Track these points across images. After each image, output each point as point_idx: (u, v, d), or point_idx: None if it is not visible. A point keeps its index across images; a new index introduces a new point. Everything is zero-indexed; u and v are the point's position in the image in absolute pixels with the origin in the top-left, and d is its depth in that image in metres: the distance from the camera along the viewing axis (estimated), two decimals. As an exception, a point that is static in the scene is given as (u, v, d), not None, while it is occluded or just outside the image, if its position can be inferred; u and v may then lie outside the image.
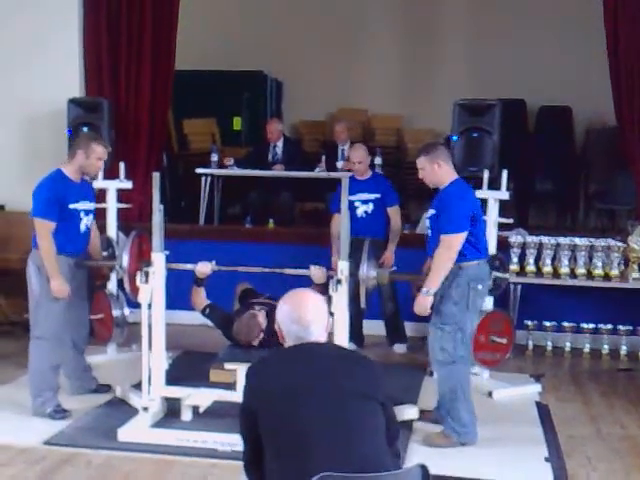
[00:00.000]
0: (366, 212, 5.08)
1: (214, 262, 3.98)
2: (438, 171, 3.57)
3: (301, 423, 1.95)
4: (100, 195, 4.82)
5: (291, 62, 8.11)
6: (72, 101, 5.60)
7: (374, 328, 5.34)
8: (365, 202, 5.08)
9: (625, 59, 5.45)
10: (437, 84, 7.89)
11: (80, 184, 3.98)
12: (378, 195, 5.07)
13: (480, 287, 3.55)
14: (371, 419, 2.00)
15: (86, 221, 3.98)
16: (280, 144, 6.54)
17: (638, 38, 5.42)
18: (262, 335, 3.98)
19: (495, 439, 3.66)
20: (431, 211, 3.65)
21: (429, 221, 3.68)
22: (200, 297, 4.12)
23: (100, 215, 4.60)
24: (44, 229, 3.78)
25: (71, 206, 3.87)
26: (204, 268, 3.94)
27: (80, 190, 3.96)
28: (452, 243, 3.44)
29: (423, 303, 3.47)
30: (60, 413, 3.85)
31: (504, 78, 7.57)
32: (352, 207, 4.99)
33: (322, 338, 2.13)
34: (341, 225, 3.70)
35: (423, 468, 1.93)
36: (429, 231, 3.69)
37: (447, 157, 3.62)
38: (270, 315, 4.11)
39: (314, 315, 2.11)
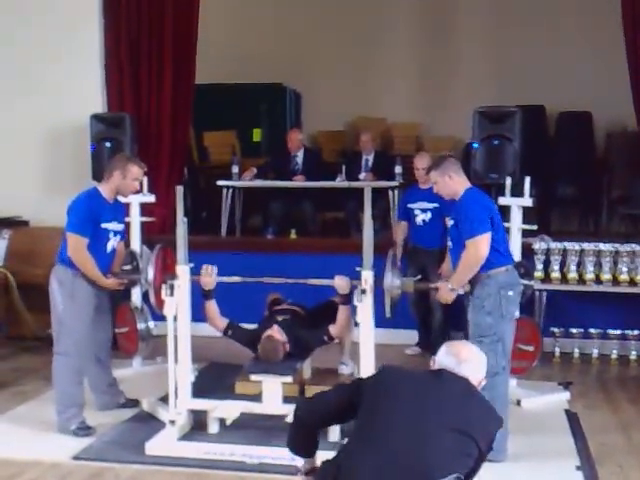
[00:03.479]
0: (424, 221, 5.12)
1: (215, 268, 3.88)
2: (451, 183, 3.59)
3: (383, 423, 2.03)
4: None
5: (309, 73, 8.14)
6: (95, 117, 5.66)
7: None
8: (424, 211, 5.12)
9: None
10: (456, 91, 7.87)
11: (113, 205, 4.00)
12: (437, 205, 4.99)
13: (511, 293, 3.50)
14: (454, 455, 2.02)
15: (113, 242, 3.99)
16: (300, 154, 6.58)
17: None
18: (287, 348, 3.95)
19: (525, 448, 3.62)
20: (449, 222, 3.65)
21: (449, 234, 3.68)
22: (216, 317, 3.99)
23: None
24: (79, 244, 3.80)
25: (102, 225, 3.89)
26: (206, 278, 3.87)
27: (113, 210, 3.98)
28: (478, 244, 3.42)
29: (445, 296, 3.54)
30: (84, 430, 3.84)
31: (523, 84, 7.53)
32: (412, 215, 5.18)
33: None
34: (364, 235, 3.68)
35: (459, 479, 1.92)
36: (450, 243, 3.68)
37: (457, 168, 3.63)
38: (291, 322, 4.09)
39: (471, 359, 2.25)
